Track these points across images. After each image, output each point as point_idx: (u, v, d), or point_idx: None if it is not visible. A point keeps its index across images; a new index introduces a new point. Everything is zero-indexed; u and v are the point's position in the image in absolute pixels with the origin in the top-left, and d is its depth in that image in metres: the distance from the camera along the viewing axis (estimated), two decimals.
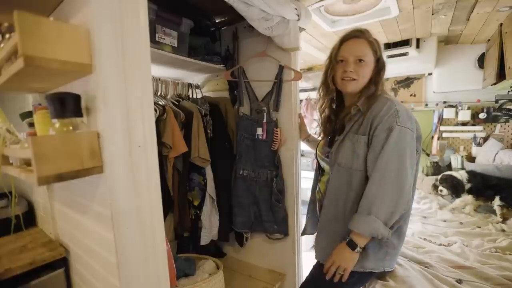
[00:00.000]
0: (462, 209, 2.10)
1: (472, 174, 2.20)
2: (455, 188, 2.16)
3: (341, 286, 1.08)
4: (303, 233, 1.41)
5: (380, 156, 0.95)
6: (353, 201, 1.03)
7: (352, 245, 0.98)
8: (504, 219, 1.83)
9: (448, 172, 2.29)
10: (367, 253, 1.03)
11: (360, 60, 1.03)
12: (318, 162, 1.27)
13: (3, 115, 0.92)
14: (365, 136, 1.00)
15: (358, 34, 1.06)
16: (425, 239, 1.62)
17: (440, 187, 2.26)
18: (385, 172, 0.94)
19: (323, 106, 1.21)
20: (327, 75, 1.14)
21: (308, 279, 1.17)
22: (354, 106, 1.06)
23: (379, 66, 1.06)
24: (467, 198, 2.08)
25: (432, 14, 1.81)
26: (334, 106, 1.21)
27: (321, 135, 1.28)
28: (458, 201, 2.09)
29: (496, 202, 1.94)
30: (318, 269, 1.15)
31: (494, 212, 1.93)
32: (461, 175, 2.19)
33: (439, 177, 2.32)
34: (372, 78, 1.06)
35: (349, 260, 1.00)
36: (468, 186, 2.12)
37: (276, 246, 1.61)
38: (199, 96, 1.62)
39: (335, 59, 1.10)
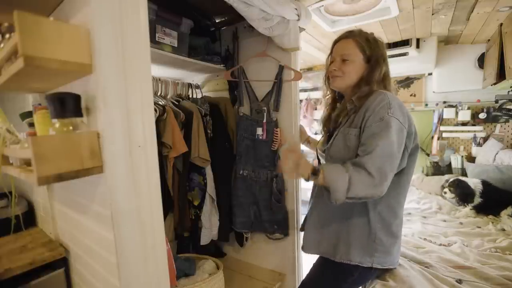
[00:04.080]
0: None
1: (486, 185, 2.07)
2: (464, 196, 2.09)
3: (341, 285, 1.08)
4: (302, 229, 1.41)
5: (370, 144, 0.94)
6: None
7: (315, 171, 0.96)
8: None
9: (462, 178, 2.21)
10: (353, 245, 1.03)
11: (344, 60, 1.07)
12: (318, 160, 1.28)
13: (3, 115, 0.92)
14: (355, 129, 1.01)
15: (346, 35, 1.09)
16: (425, 239, 1.61)
17: (446, 190, 2.20)
18: (373, 159, 0.92)
19: (326, 104, 1.25)
20: (325, 75, 1.20)
21: (307, 278, 1.18)
22: (349, 101, 1.07)
23: (372, 65, 1.05)
24: (470, 213, 2.01)
25: (432, 14, 1.81)
26: (335, 105, 1.23)
27: (322, 132, 1.30)
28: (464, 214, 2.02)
29: (508, 211, 1.88)
30: (318, 267, 1.15)
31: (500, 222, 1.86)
32: (475, 186, 2.09)
33: (450, 179, 2.24)
34: (363, 77, 1.06)
35: (303, 166, 0.96)
36: (478, 200, 2.03)
37: (276, 246, 1.61)
38: (199, 96, 1.62)
39: (328, 61, 1.16)
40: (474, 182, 2.14)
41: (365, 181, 0.92)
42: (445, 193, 2.21)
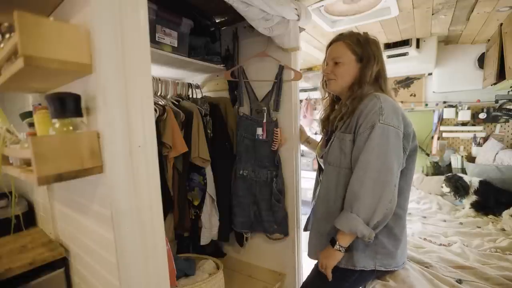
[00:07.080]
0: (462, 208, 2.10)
1: (484, 183, 2.08)
2: (458, 189, 2.14)
3: (341, 286, 1.08)
4: (305, 229, 1.41)
5: (362, 153, 0.95)
6: (342, 200, 1.03)
7: (332, 242, 1.00)
8: None
9: (459, 174, 2.26)
10: (352, 250, 1.04)
11: (336, 62, 1.09)
12: (319, 165, 1.28)
13: (3, 115, 0.92)
14: (350, 134, 1.01)
15: (337, 38, 1.11)
16: (425, 239, 1.61)
17: (442, 184, 2.28)
18: (366, 171, 0.93)
19: (325, 106, 1.26)
20: (322, 78, 1.22)
21: (308, 279, 1.18)
22: (344, 104, 1.07)
23: (364, 64, 1.05)
24: (469, 213, 2.02)
25: (432, 14, 1.81)
26: (333, 106, 1.24)
27: (321, 135, 1.30)
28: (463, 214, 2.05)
29: (510, 212, 1.86)
30: (319, 269, 1.15)
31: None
32: (472, 182, 2.13)
33: (444, 176, 2.34)
34: (357, 77, 1.07)
35: (330, 257, 1.01)
36: (474, 198, 2.05)
37: (276, 246, 1.61)
38: (199, 96, 1.62)
39: (324, 65, 1.17)
40: (471, 179, 2.16)
41: (368, 201, 0.93)
42: (442, 187, 2.29)
